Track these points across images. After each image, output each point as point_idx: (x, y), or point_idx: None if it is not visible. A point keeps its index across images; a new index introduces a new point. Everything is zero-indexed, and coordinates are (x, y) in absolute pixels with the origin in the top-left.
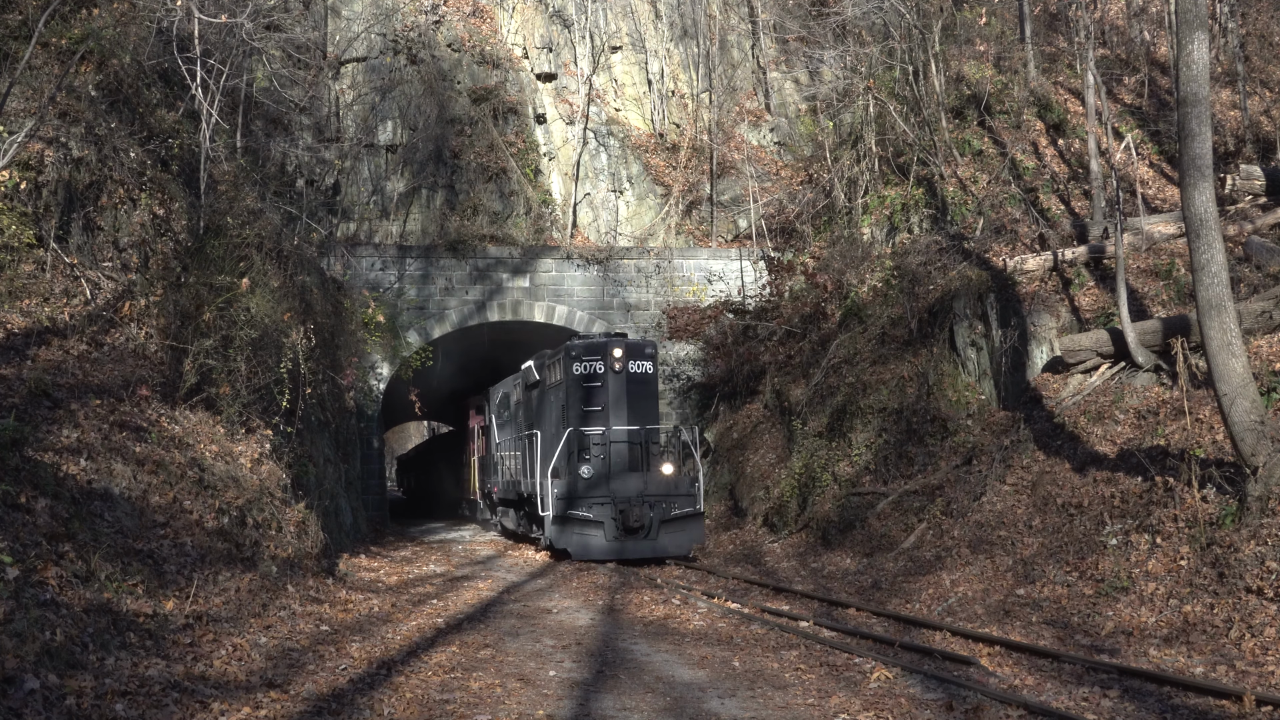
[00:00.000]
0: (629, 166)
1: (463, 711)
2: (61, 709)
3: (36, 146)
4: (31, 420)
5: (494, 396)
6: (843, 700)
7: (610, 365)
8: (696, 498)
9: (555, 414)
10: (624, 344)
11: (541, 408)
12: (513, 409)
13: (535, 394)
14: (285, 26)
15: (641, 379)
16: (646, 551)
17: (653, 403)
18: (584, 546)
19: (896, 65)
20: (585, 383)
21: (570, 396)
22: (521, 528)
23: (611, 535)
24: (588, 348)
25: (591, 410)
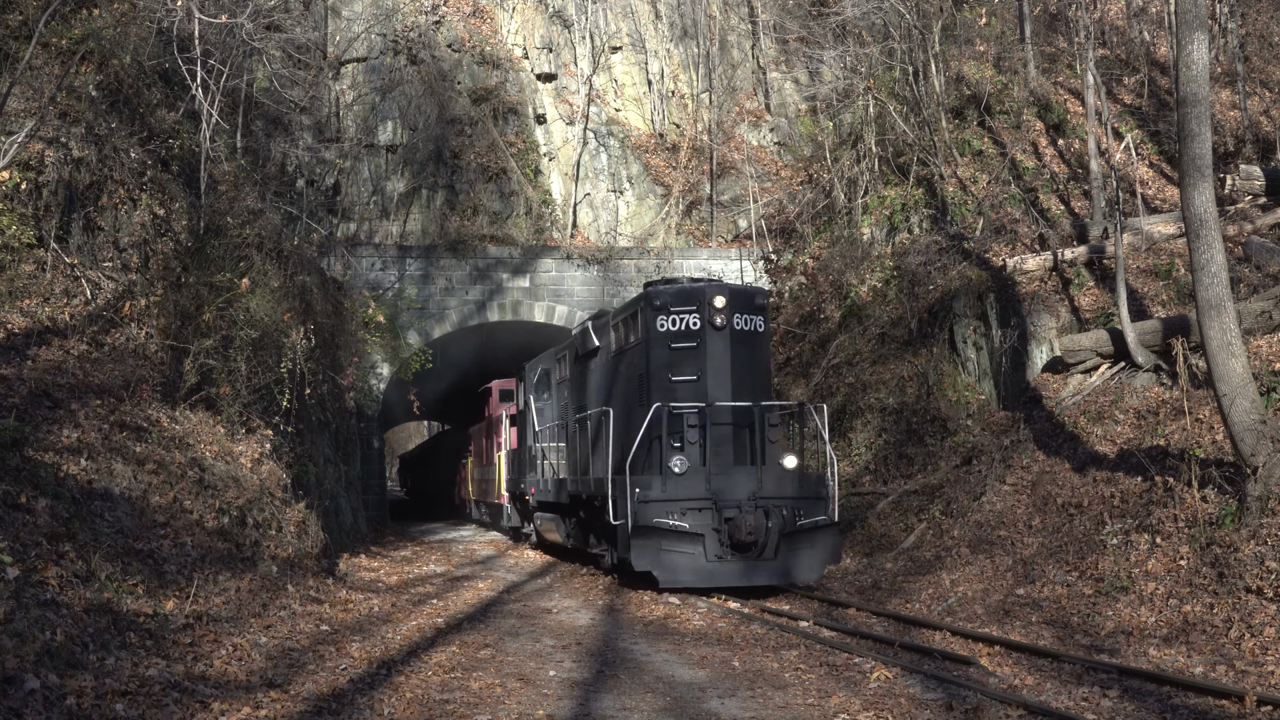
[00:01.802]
0: (629, 166)
1: (463, 711)
2: (62, 709)
3: (37, 146)
4: (32, 420)
5: (530, 375)
6: (843, 700)
7: (709, 319)
8: (829, 501)
9: (628, 388)
10: (728, 290)
11: (607, 381)
12: (557, 389)
13: (595, 365)
14: (285, 27)
15: (750, 338)
16: (763, 577)
17: (764, 370)
18: (674, 569)
19: (896, 65)
20: (674, 343)
21: (652, 362)
22: (572, 540)
23: (714, 554)
24: (678, 295)
25: (682, 381)
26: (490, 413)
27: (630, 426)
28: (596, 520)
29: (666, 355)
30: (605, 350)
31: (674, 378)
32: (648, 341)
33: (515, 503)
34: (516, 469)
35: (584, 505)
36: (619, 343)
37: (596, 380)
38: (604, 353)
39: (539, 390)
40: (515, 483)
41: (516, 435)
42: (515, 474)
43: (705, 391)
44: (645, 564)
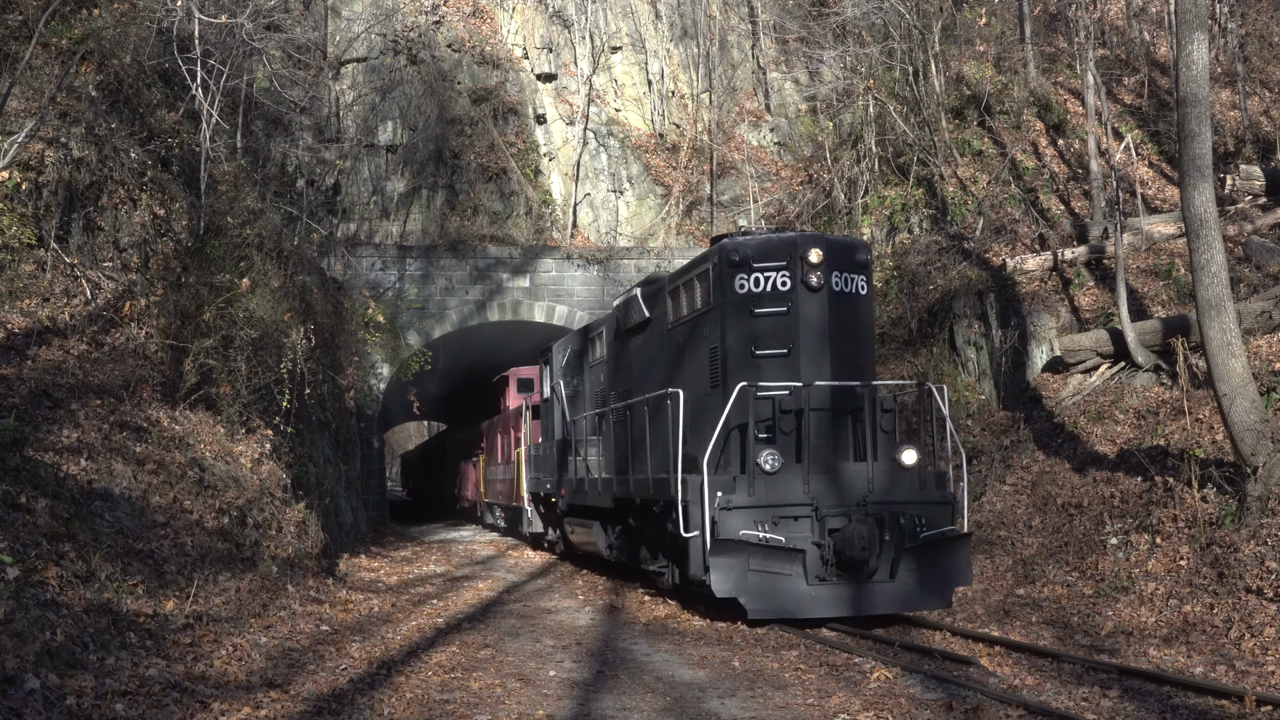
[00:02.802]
0: (629, 167)
1: (463, 711)
2: (62, 709)
3: (37, 147)
4: (32, 420)
5: (558, 357)
6: (843, 700)
7: (803, 277)
8: (956, 505)
9: (694, 366)
10: (824, 242)
11: (662, 360)
12: (591, 372)
13: (644, 341)
14: (285, 27)
15: (852, 302)
16: (879, 603)
17: (869, 343)
18: (767, 595)
19: (896, 65)
20: (757, 309)
21: (729, 333)
22: (615, 552)
23: (816, 575)
24: (763, 248)
25: (768, 357)
26: (507, 404)
27: (699, 414)
28: (651, 530)
29: (747, 324)
30: (659, 322)
31: (758, 352)
32: (722, 307)
33: (539, 506)
34: (541, 467)
35: (634, 511)
36: (679, 311)
37: (646, 359)
38: (657, 325)
39: (569, 375)
40: (540, 483)
41: (541, 428)
42: (539, 473)
43: (798, 369)
44: (728, 588)
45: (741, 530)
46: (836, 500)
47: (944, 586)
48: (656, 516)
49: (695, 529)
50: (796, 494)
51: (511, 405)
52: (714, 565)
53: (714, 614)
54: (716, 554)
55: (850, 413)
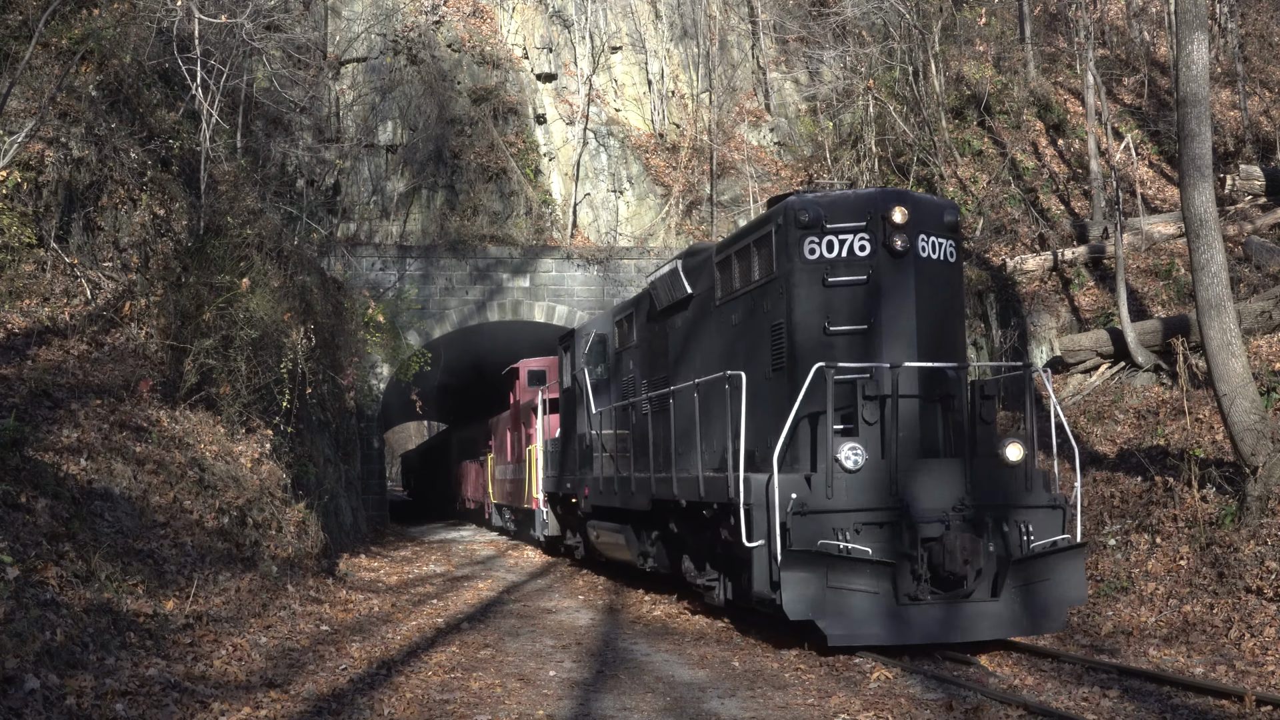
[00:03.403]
0: (629, 167)
1: (463, 711)
2: (61, 709)
3: (37, 146)
4: (32, 420)
5: (580, 344)
6: (843, 700)
7: (886, 241)
8: (1069, 510)
9: (750, 346)
10: (910, 201)
11: (710, 341)
12: (618, 359)
13: (684, 321)
14: (285, 27)
15: (941, 272)
16: (983, 626)
17: (959, 320)
18: (850, 616)
19: (896, 65)
20: (831, 277)
21: (798, 306)
22: (652, 561)
23: (907, 592)
24: (838, 207)
25: (844, 333)
26: (517, 399)
27: (757, 402)
28: (697, 537)
29: (819, 296)
30: (705, 298)
31: (831, 328)
32: (789, 276)
33: (556, 508)
34: (559, 465)
35: (677, 515)
36: (731, 284)
37: (688, 341)
38: (703, 302)
39: (593, 363)
40: (557, 482)
41: (560, 422)
42: (557, 471)
43: (879, 348)
44: (803, 608)
45: (821, 540)
46: (929, 503)
47: (1055, 607)
48: (707, 522)
49: (760, 537)
50: (882, 496)
51: (522, 399)
52: (786, 581)
53: (776, 636)
54: (789, 567)
55: (940, 400)
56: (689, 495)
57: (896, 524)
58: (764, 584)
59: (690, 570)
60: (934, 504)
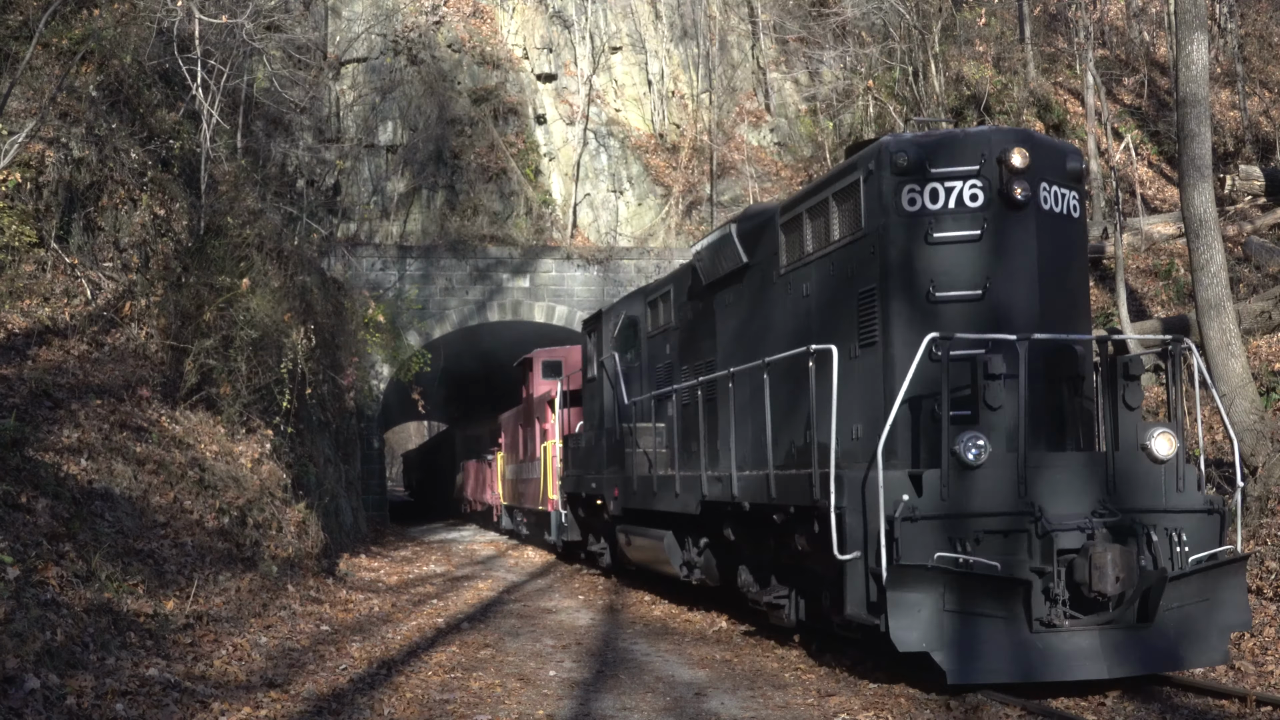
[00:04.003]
0: (629, 167)
1: (463, 711)
2: (62, 709)
3: (37, 147)
4: (32, 420)
5: (607, 327)
6: (843, 700)
7: (1004, 188)
8: (1226, 513)
9: (834, 319)
10: (1030, 141)
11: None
12: (651, 343)
13: (737, 296)
14: (285, 27)
15: (1064, 227)
16: (1137, 659)
17: (1084, 287)
18: (976, 648)
19: (896, 65)
20: (937, 232)
21: (893, 266)
22: (699, 572)
23: (1041, 616)
24: (944, 148)
25: (953, 301)
26: (531, 392)
27: (864, 384)
28: (760, 545)
29: (922, 255)
30: (766, 267)
31: (937, 294)
32: (883, 232)
33: (577, 509)
34: (582, 462)
35: (735, 520)
36: (802, 247)
37: (742, 318)
38: (762, 272)
39: (622, 349)
40: (579, 482)
41: (583, 415)
42: (579, 469)
43: (994, 318)
44: (915, 637)
45: (938, 553)
46: (1065, 507)
47: (1216, 634)
48: (775, 529)
49: (855, 549)
50: (1008, 497)
51: (536, 392)
52: (894, 604)
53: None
54: (898, 586)
55: (1067, 379)
56: (754, 497)
57: (1024, 532)
58: (859, 606)
59: (748, 585)
60: (1070, 508)
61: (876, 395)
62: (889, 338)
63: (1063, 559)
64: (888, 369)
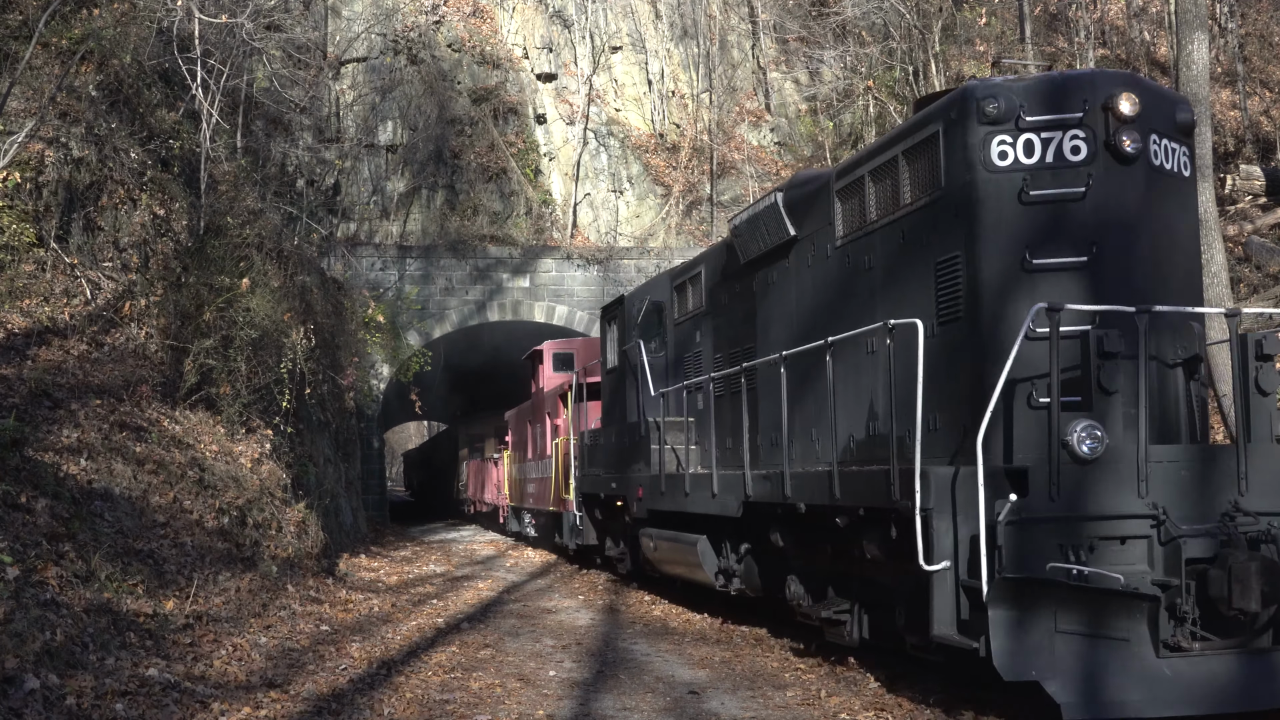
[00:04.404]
0: (629, 166)
1: (463, 711)
2: (61, 709)
3: (37, 146)
4: (32, 420)
5: (631, 312)
6: (843, 700)
7: (1109, 140)
8: None
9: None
10: (1139, 88)
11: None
12: (679, 331)
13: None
14: (285, 26)
15: (1175, 187)
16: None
17: (1196, 255)
18: (1095, 674)
19: (896, 65)
20: (1033, 189)
21: (985, 231)
22: (740, 582)
23: (1164, 639)
24: (1039, 93)
25: (1054, 268)
26: (540, 386)
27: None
28: (813, 553)
29: (1016, 216)
30: (818, 239)
31: (1035, 261)
32: (969, 190)
33: (593, 511)
34: (600, 461)
35: (785, 523)
36: (864, 214)
37: (789, 298)
38: (814, 245)
39: (647, 337)
40: (596, 481)
41: (602, 410)
42: (597, 468)
43: (1101, 287)
44: (1021, 663)
45: (1050, 564)
46: (1192, 509)
47: None
48: (839, 533)
49: (944, 557)
50: (1127, 497)
51: (547, 387)
52: (997, 624)
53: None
54: (1002, 603)
55: (1186, 362)
56: (813, 497)
57: (1145, 538)
58: (948, 624)
59: (799, 597)
60: (1198, 510)
61: (961, 379)
62: (977, 312)
63: (1191, 570)
64: (976, 348)
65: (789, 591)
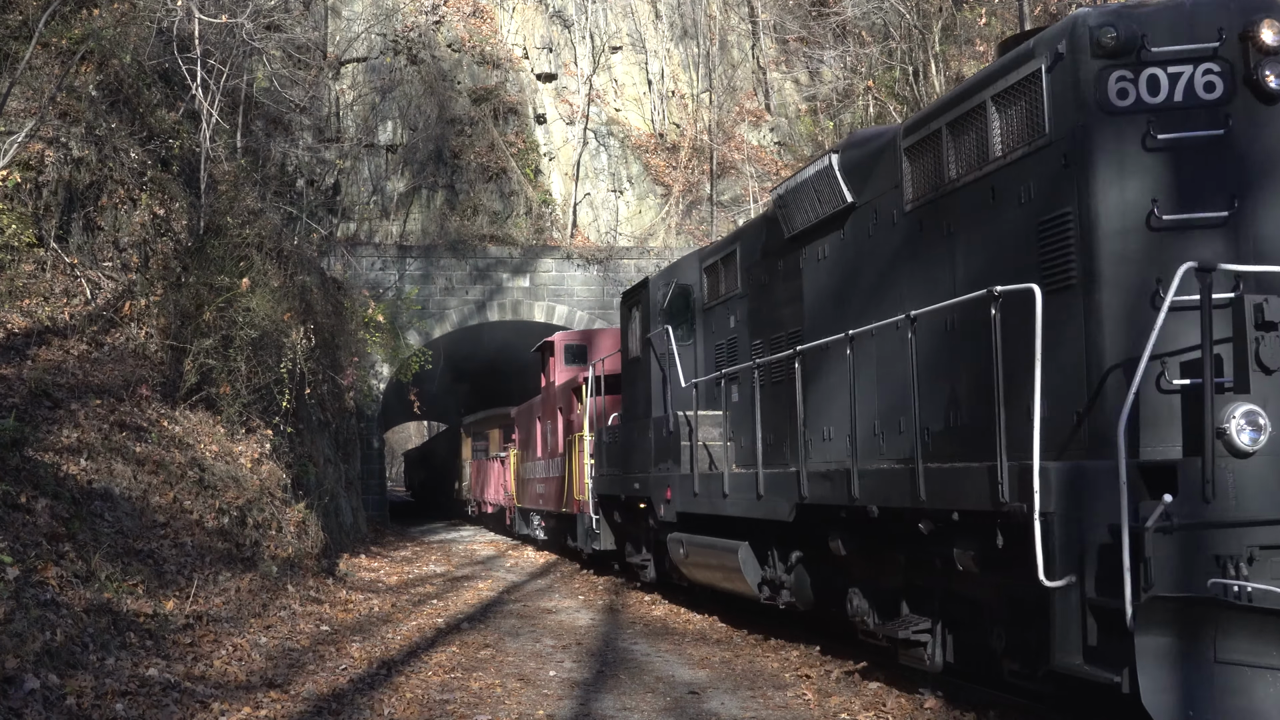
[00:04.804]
0: (629, 166)
1: (463, 711)
2: (61, 709)
3: (37, 146)
4: (32, 420)
5: (655, 298)
6: (843, 700)
7: (1249, 74)
8: None
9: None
10: None
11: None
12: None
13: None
14: (285, 26)
15: None
16: None
17: None
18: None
19: (896, 65)
20: (1161, 132)
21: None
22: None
23: None
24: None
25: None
26: (552, 380)
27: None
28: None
29: (1140, 165)
30: (882, 204)
31: (1165, 217)
32: (1083, 135)
33: (612, 514)
34: (620, 459)
35: (846, 528)
36: (941, 173)
37: (844, 273)
38: (875, 212)
39: (675, 323)
40: (616, 482)
41: (623, 404)
42: (618, 467)
43: (1245, 247)
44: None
45: (1212, 579)
46: None
47: None
48: (919, 541)
49: (1068, 570)
50: None
51: (559, 380)
52: (1146, 653)
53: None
54: (1151, 627)
55: None
56: (889, 499)
57: None
58: (1074, 650)
59: (864, 613)
60: None
61: (1074, 357)
62: (1094, 278)
63: None
64: (1094, 320)
65: (851, 606)
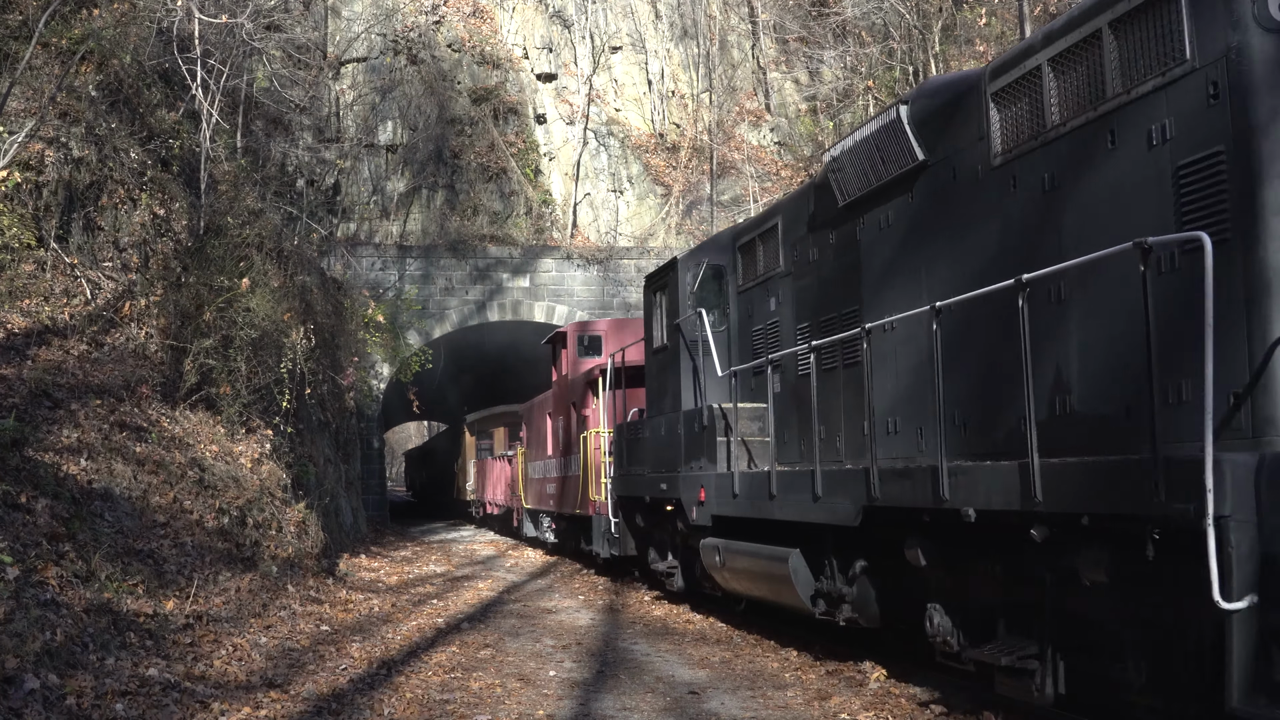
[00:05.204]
0: (629, 166)
1: (463, 711)
2: (61, 709)
3: (37, 146)
4: (32, 420)
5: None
6: (843, 700)
7: None
8: None
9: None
10: None
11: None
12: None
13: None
14: (285, 26)
15: None
16: None
17: None
18: None
19: (896, 65)
20: None
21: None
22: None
23: None
24: None
25: None
26: (564, 373)
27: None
28: (966, 573)
29: None
30: (959, 162)
31: None
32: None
33: (632, 516)
34: (643, 457)
35: (926, 534)
36: (1040, 118)
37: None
38: (951, 171)
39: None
40: (640, 482)
41: (647, 396)
42: (639, 465)
43: None
44: None
45: None
46: None
47: None
48: (1027, 550)
49: (1248, 590)
50: None
51: (572, 374)
52: None
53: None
54: None
55: None
56: (991, 500)
57: None
58: (1256, 691)
59: (947, 632)
60: None
61: (1229, 327)
62: (1255, 230)
63: None
64: (1259, 281)
65: (931, 625)
